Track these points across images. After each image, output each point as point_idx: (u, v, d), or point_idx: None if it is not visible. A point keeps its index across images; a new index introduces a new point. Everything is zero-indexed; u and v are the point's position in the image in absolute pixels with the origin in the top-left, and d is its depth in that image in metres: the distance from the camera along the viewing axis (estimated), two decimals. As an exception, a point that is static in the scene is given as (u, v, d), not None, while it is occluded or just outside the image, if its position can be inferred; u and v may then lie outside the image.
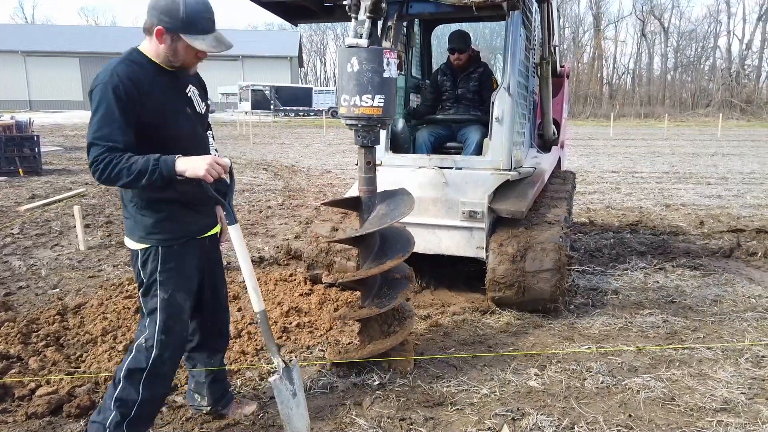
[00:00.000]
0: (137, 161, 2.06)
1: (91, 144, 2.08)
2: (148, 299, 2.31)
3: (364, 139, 3.06)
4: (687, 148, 19.11)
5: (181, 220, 2.32)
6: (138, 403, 2.26)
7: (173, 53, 2.19)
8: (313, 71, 73.74)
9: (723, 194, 9.61)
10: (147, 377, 2.27)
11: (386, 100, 2.94)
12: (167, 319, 2.29)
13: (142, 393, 2.27)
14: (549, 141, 5.66)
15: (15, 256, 5.47)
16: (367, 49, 2.91)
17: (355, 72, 2.90)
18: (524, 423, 2.65)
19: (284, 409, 2.43)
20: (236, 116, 34.57)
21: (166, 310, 2.29)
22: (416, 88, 5.39)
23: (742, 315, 4.07)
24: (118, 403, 2.26)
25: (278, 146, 19.58)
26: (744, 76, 48.83)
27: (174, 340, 2.33)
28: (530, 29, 4.55)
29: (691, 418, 2.73)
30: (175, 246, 2.31)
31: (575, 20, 55.40)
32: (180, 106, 2.31)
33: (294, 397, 2.46)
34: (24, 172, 10.95)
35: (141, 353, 2.28)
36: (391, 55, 2.95)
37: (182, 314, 2.36)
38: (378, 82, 2.90)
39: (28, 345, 3.39)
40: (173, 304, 2.31)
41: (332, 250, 4.32)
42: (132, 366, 2.27)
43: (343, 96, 2.97)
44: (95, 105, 2.09)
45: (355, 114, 2.95)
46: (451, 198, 4.05)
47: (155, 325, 2.28)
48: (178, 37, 2.15)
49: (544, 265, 3.79)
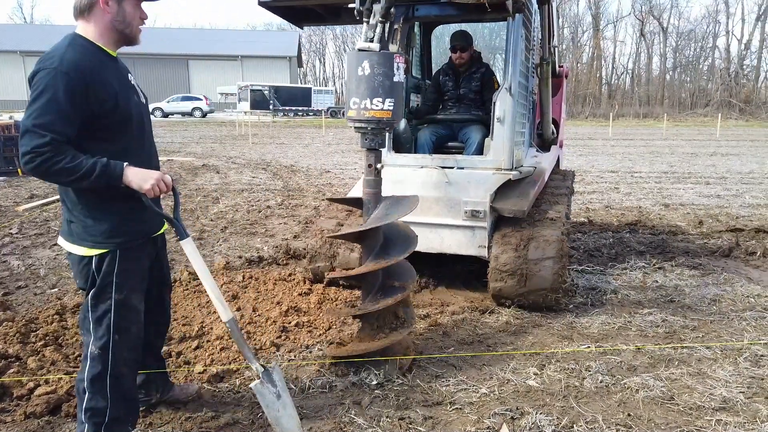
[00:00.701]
0: (82, 163, 1.94)
1: (28, 131, 1.92)
2: (99, 302, 2.21)
3: (372, 142, 3.08)
4: (686, 148, 19.13)
5: (137, 219, 2.25)
6: (109, 408, 2.22)
7: (122, 18, 2.12)
8: (312, 71, 73.74)
9: (722, 194, 9.62)
10: (111, 381, 2.22)
11: (396, 103, 2.97)
12: (120, 321, 2.22)
13: (111, 397, 2.22)
14: (548, 140, 5.68)
15: (14, 256, 5.46)
16: (378, 53, 2.93)
17: (366, 75, 2.91)
18: (523, 422, 2.65)
19: (271, 412, 2.43)
20: (235, 116, 34.56)
21: (120, 312, 2.21)
22: (416, 88, 5.40)
23: (741, 314, 4.07)
24: (89, 413, 2.22)
25: (277, 146, 19.57)
26: (743, 76, 48.91)
27: (130, 339, 2.28)
28: (530, 30, 4.56)
29: (690, 417, 2.73)
30: (131, 247, 2.24)
31: (574, 20, 55.48)
32: (129, 93, 2.20)
33: (279, 399, 2.45)
34: (23, 172, 10.94)
35: (96, 360, 2.21)
36: (400, 60, 2.98)
37: (138, 315, 2.32)
38: (389, 86, 2.93)
39: (27, 344, 3.38)
40: (127, 305, 2.24)
41: (336, 242, 4.36)
42: (92, 374, 2.21)
43: (353, 99, 2.97)
44: (38, 90, 1.94)
45: (365, 117, 2.97)
46: (453, 197, 4.07)
47: (107, 327, 2.20)
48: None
49: (546, 254, 3.86)
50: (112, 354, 2.21)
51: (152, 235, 2.38)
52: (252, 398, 2.84)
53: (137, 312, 2.31)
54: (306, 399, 2.85)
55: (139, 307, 2.32)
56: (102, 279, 2.19)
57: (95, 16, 2.10)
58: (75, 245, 2.19)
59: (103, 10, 2.09)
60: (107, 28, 2.13)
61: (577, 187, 8.90)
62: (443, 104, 5.07)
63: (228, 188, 10.01)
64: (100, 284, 2.20)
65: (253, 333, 3.62)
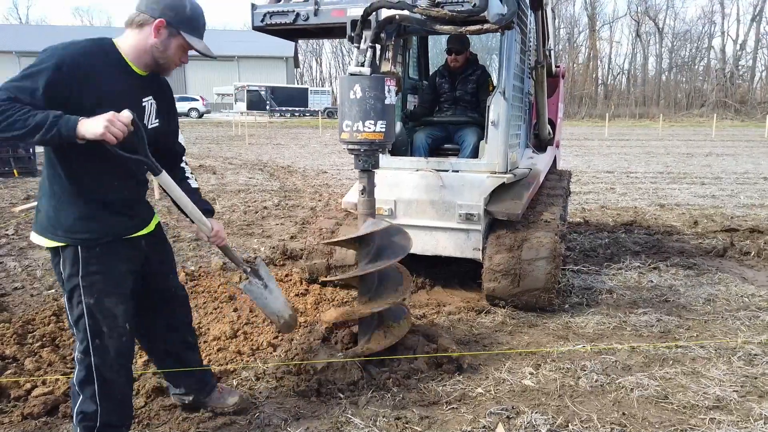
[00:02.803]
0: (36, 114, 1.84)
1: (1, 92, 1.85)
2: (72, 305, 2.14)
3: (366, 164, 3.15)
4: (681, 149, 19.20)
5: (101, 220, 2.14)
6: (100, 413, 2.19)
7: (163, 48, 2.13)
8: (308, 72, 73.66)
9: (717, 194, 9.67)
10: (98, 386, 2.18)
11: (387, 125, 3.06)
12: (95, 325, 2.14)
13: (100, 403, 2.19)
14: (544, 141, 5.70)
15: (10, 257, 5.46)
16: (369, 77, 3.01)
17: (357, 99, 3.00)
18: (519, 421, 2.67)
19: (260, 301, 2.70)
20: (232, 117, 34.50)
21: (93, 317, 2.14)
22: (413, 89, 5.42)
23: (735, 314, 4.10)
24: (80, 417, 2.20)
25: (274, 147, 19.57)
26: (738, 77, 49.10)
27: (112, 344, 2.19)
28: (525, 32, 4.59)
29: (684, 415, 2.76)
30: (97, 248, 2.13)
31: (570, 21, 55.61)
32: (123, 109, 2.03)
33: (266, 289, 2.72)
34: (18, 172, 10.91)
35: (81, 364, 2.18)
36: (391, 83, 3.07)
37: (115, 319, 2.18)
38: (380, 109, 3.02)
39: (24, 346, 3.38)
40: (102, 309, 2.15)
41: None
42: (80, 379, 2.19)
43: (345, 122, 3.06)
44: (35, 61, 1.94)
45: (358, 139, 3.05)
46: (448, 200, 4.10)
47: (85, 332, 2.15)
48: (176, 32, 2.13)
49: (540, 254, 3.89)
50: (95, 357, 2.16)
51: (124, 236, 2.23)
52: (249, 399, 2.85)
53: (113, 317, 2.18)
54: (303, 399, 2.87)
55: (116, 311, 2.18)
56: (68, 281, 2.13)
57: (142, 33, 2.12)
58: (38, 235, 2.14)
59: (152, 33, 2.11)
60: (144, 50, 2.14)
61: (573, 187, 8.93)
62: (439, 106, 5.08)
63: (225, 189, 10.01)
64: (67, 286, 2.14)
65: (250, 333, 3.63)
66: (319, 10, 3.36)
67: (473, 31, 3.03)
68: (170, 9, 2.10)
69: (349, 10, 3.22)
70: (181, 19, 2.13)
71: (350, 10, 3.22)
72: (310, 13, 3.40)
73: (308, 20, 3.41)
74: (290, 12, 3.41)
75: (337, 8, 3.34)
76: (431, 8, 2.95)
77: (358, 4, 3.22)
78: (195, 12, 2.18)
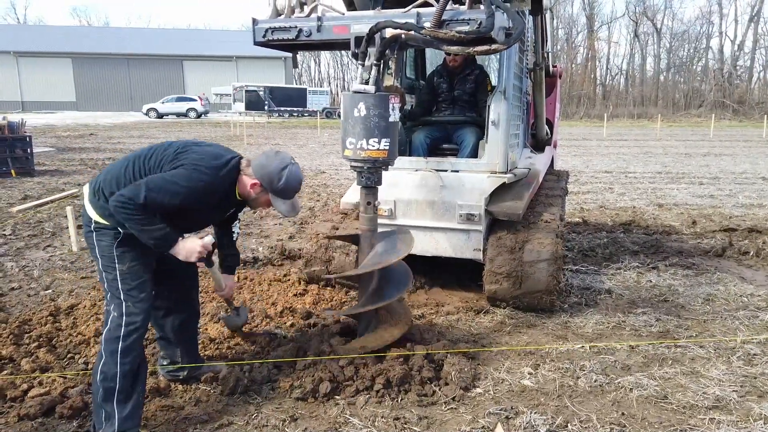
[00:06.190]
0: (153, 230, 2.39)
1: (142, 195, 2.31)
2: (108, 274, 2.51)
3: (369, 180, 3.17)
4: (680, 149, 19.21)
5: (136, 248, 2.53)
6: (119, 376, 2.41)
7: (255, 198, 2.65)
8: (307, 72, 73.52)
9: (715, 194, 9.67)
10: (122, 346, 2.44)
11: (391, 143, 3.07)
12: (130, 290, 2.49)
13: (120, 364, 2.42)
14: (542, 141, 5.69)
15: (7, 258, 5.44)
16: (374, 96, 3.00)
17: (362, 117, 3.01)
18: (518, 421, 2.67)
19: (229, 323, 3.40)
20: (230, 117, 34.45)
21: (127, 281, 2.49)
22: (410, 89, 5.40)
23: (734, 313, 4.10)
24: (101, 376, 2.42)
25: (272, 147, 19.54)
26: (736, 77, 49.16)
27: (140, 308, 2.49)
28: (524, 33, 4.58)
29: (684, 415, 2.75)
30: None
31: (568, 21, 55.63)
32: (213, 214, 2.77)
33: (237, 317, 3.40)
34: (16, 173, 10.88)
35: (113, 323, 2.47)
36: (395, 101, 3.07)
37: (144, 284, 2.53)
38: (384, 127, 3.02)
39: (21, 346, 3.37)
40: (133, 273, 2.51)
41: (331, 246, 4.38)
42: (108, 336, 2.46)
43: (349, 139, 3.07)
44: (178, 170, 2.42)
45: (361, 157, 3.07)
46: (448, 201, 4.09)
47: (120, 296, 2.48)
48: (266, 193, 2.62)
49: (541, 256, 3.87)
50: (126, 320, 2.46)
51: None
52: (247, 399, 2.84)
53: (144, 281, 2.53)
54: (301, 399, 2.85)
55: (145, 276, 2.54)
56: (104, 251, 2.50)
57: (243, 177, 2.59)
58: (91, 207, 2.52)
59: (248, 183, 2.58)
60: (240, 190, 2.64)
61: (571, 187, 8.93)
62: (437, 106, 5.06)
63: (223, 189, 9.97)
64: (104, 256, 2.51)
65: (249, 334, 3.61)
66: (321, 26, 3.30)
67: (481, 51, 2.97)
68: (267, 180, 2.58)
69: (352, 26, 3.17)
70: (272, 188, 2.60)
71: (353, 26, 3.17)
72: (312, 29, 3.32)
73: (311, 36, 3.33)
74: (292, 28, 3.34)
75: (340, 24, 3.28)
76: (438, 30, 2.90)
77: (362, 20, 3.18)
78: (286, 186, 2.60)
